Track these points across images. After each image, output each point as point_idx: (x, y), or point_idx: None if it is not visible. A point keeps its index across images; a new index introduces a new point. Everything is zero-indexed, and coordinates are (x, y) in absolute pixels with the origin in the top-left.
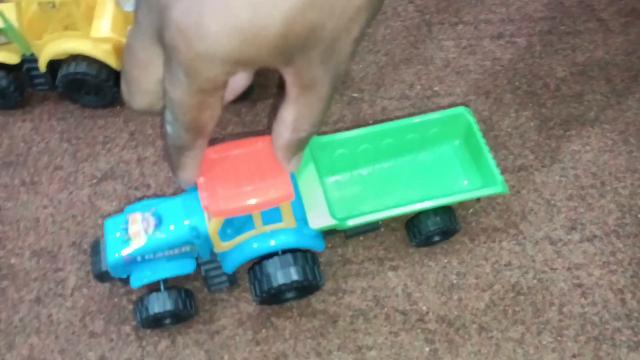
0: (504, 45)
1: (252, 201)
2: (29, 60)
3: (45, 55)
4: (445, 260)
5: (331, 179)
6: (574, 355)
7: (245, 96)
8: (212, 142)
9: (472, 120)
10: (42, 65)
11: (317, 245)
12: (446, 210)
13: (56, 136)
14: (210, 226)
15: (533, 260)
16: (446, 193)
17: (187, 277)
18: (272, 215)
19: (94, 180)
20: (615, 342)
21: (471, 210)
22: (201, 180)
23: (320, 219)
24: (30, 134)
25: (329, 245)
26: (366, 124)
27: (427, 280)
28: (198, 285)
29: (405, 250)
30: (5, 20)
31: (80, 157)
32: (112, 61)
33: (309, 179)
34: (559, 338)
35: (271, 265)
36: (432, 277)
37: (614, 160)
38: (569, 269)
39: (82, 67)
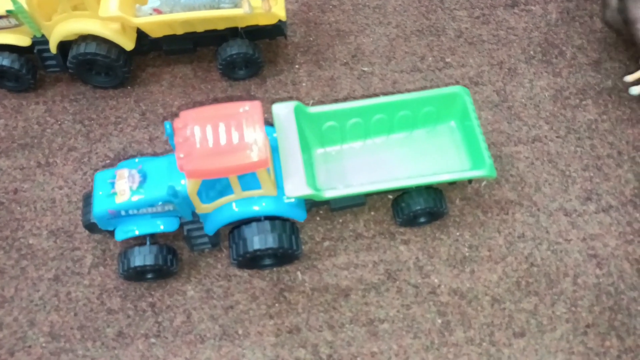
0: (519, 13)
1: (226, 164)
2: (40, 42)
3: (55, 37)
4: (458, 233)
5: (320, 151)
6: (588, 326)
7: (254, 72)
8: (194, 106)
9: (468, 100)
10: (53, 47)
11: (297, 214)
12: (432, 192)
13: (69, 117)
14: (188, 187)
15: (547, 232)
16: (434, 173)
17: (175, 237)
18: (255, 181)
19: (107, 161)
20: (630, 312)
21: (484, 183)
22: (180, 140)
23: (296, 188)
24: (44, 115)
25: (340, 220)
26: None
27: (438, 253)
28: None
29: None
30: (15, 2)
31: (93, 138)
32: (121, 40)
33: (290, 148)
34: (573, 309)
35: (248, 231)
36: (444, 250)
37: (632, 129)
38: (583, 239)
39: (92, 47)
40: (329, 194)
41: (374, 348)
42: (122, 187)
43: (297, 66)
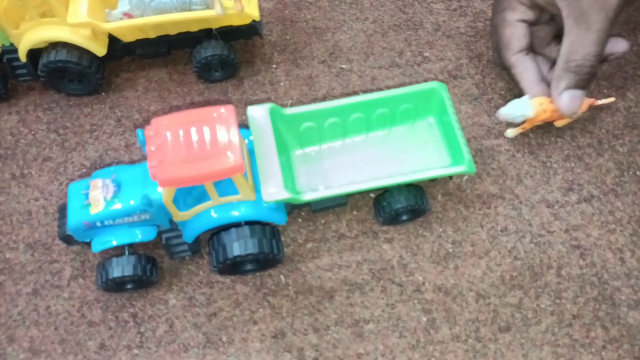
0: None
1: (200, 171)
2: (9, 51)
3: (24, 45)
4: (440, 230)
5: (299, 152)
6: (572, 317)
7: (231, 74)
8: (170, 111)
9: (446, 96)
10: (22, 55)
11: (277, 218)
12: (412, 190)
13: (43, 127)
14: (163, 195)
15: (530, 224)
16: (414, 171)
17: (156, 245)
18: (232, 186)
19: (84, 170)
20: (614, 301)
21: (465, 177)
22: (152, 148)
23: (273, 192)
24: (17, 126)
25: (322, 221)
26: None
27: (422, 250)
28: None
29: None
30: None
31: (68, 147)
32: (92, 46)
33: (267, 151)
34: (557, 301)
35: (228, 237)
36: (427, 247)
37: (612, 117)
38: (566, 230)
39: (63, 55)
40: (307, 196)
41: (360, 349)
42: (96, 198)
43: (274, 66)
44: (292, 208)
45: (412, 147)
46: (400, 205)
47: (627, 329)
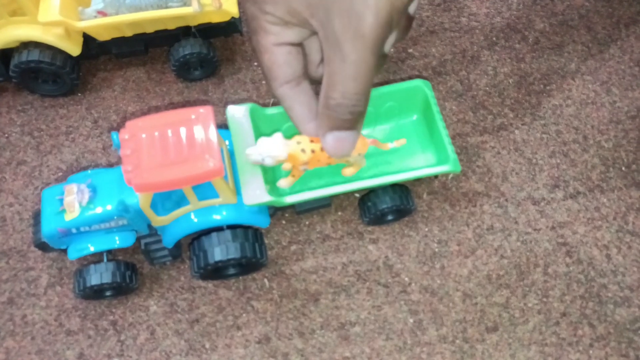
0: None
1: (177, 175)
2: None
3: None
4: (426, 229)
5: None
6: (560, 316)
7: (211, 72)
8: (149, 111)
9: (429, 93)
10: None
11: (259, 221)
12: (397, 190)
13: (17, 130)
14: (140, 200)
15: (516, 222)
16: (399, 171)
17: (136, 250)
18: (212, 189)
19: (60, 173)
20: (601, 299)
21: (451, 175)
22: (127, 152)
23: (255, 195)
24: None
25: (307, 222)
26: None
27: (408, 250)
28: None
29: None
30: None
31: (43, 150)
32: (66, 46)
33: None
34: (544, 299)
35: (209, 241)
36: (413, 247)
37: (597, 112)
38: (552, 228)
39: (35, 55)
40: (290, 199)
41: (347, 353)
42: (71, 204)
43: (255, 63)
44: (276, 210)
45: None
46: (386, 206)
47: (614, 326)
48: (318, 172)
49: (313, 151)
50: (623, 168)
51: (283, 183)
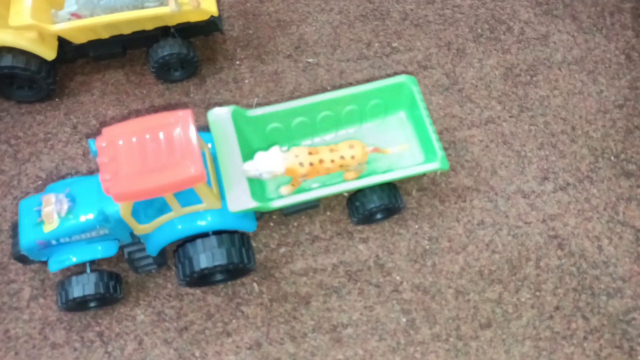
0: None
1: (157, 183)
2: None
3: None
4: (416, 226)
5: None
6: (553, 309)
7: (192, 72)
8: (130, 115)
9: (415, 89)
10: None
11: (245, 225)
12: (386, 188)
13: None
14: (120, 210)
15: (506, 216)
16: (388, 169)
17: (120, 258)
18: (195, 194)
19: (39, 182)
20: (594, 291)
21: (439, 172)
22: (104, 160)
23: (240, 201)
24: None
25: (295, 224)
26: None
27: (398, 249)
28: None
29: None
30: None
31: (21, 158)
32: (40, 50)
33: (231, 157)
34: (537, 293)
35: (194, 248)
36: (403, 245)
37: (584, 102)
38: (543, 221)
39: (8, 61)
40: (277, 203)
41: (339, 355)
42: (50, 215)
43: (237, 62)
44: (262, 213)
45: (384, 144)
46: (374, 205)
47: (608, 318)
48: None
49: (311, 164)
50: (612, 158)
51: (284, 190)
